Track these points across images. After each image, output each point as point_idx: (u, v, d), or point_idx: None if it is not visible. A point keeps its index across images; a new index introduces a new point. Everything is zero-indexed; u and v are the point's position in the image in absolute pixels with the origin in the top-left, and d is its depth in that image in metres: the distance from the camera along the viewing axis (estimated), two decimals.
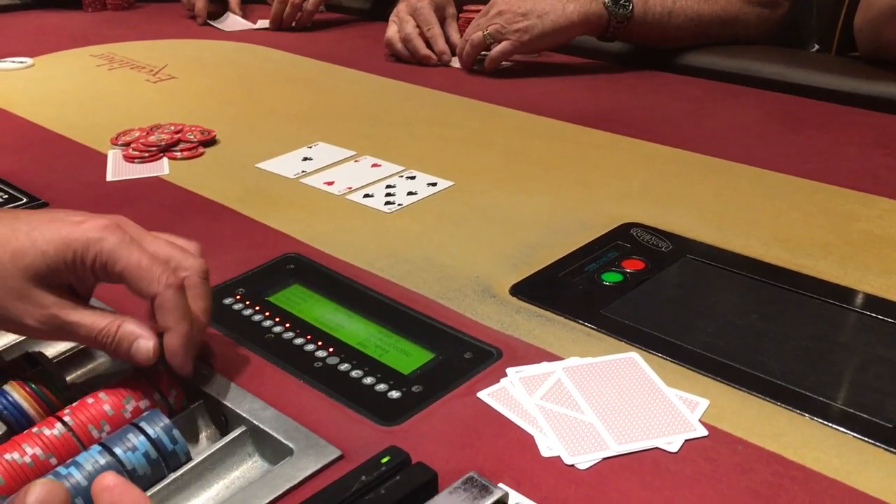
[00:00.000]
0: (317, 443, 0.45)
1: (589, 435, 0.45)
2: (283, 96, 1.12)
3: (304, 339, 0.56)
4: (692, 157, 0.86)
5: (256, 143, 0.93)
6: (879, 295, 0.60)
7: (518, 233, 0.71)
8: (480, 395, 0.49)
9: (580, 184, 0.80)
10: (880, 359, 0.54)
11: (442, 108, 1.05)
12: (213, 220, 0.75)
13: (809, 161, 0.84)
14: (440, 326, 0.57)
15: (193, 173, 0.86)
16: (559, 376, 0.50)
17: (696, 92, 1.08)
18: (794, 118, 0.97)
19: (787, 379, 0.51)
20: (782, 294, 0.61)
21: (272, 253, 0.68)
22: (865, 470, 0.43)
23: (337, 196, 0.79)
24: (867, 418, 0.47)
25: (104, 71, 1.26)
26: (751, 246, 0.67)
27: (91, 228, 0.47)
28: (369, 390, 0.51)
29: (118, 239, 0.47)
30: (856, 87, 1.00)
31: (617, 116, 0.99)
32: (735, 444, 0.45)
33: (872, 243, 0.67)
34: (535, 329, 0.56)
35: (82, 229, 0.47)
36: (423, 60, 1.23)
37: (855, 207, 0.73)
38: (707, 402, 0.48)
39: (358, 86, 1.16)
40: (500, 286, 0.62)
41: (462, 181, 0.81)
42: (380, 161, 0.86)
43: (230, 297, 0.62)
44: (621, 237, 0.69)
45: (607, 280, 0.63)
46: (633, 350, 0.53)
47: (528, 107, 1.02)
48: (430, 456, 0.44)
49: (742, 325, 0.57)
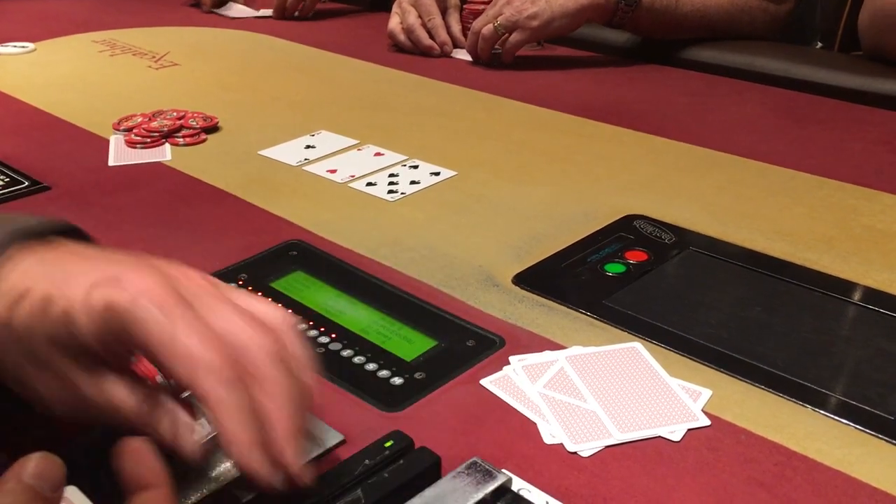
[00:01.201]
0: (319, 427, 0.45)
1: (591, 423, 0.45)
2: (285, 84, 1.11)
3: (306, 325, 0.56)
4: (695, 150, 0.86)
5: (259, 130, 0.93)
6: (882, 289, 0.60)
7: (521, 223, 0.71)
8: (483, 382, 0.49)
9: (584, 175, 0.80)
10: (882, 352, 0.54)
11: (445, 99, 1.05)
12: (215, 206, 0.75)
13: (813, 156, 0.84)
14: (443, 314, 0.57)
15: (196, 160, 0.85)
16: (562, 365, 0.50)
17: (700, 86, 1.08)
18: (798, 114, 0.97)
19: (790, 370, 0.51)
20: (785, 287, 0.61)
21: (275, 240, 0.68)
22: (867, 461, 0.43)
23: (340, 184, 0.79)
24: (869, 410, 0.47)
25: (106, 57, 1.26)
26: (754, 239, 0.67)
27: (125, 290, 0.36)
28: (372, 376, 0.51)
29: (156, 309, 0.35)
30: (861, 84, 1.00)
31: (621, 109, 0.99)
32: (738, 434, 0.45)
33: (875, 238, 0.67)
34: (538, 318, 0.56)
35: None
36: (426, 51, 1.23)
37: (858, 202, 0.73)
38: (710, 392, 0.48)
39: (360, 75, 1.16)
40: (503, 275, 0.62)
41: (465, 171, 0.81)
42: (383, 150, 0.86)
43: (233, 282, 0.61)
44: (624, 229, 0.69)
45: (610, 271, 0.63)
46: (636, 340, 0.53)
47: (532, 98, 1.02)
48: (432, 442, 0.43)
49: (745, 316, 0.57)
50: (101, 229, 0.70)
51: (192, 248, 0.67)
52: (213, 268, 0.63)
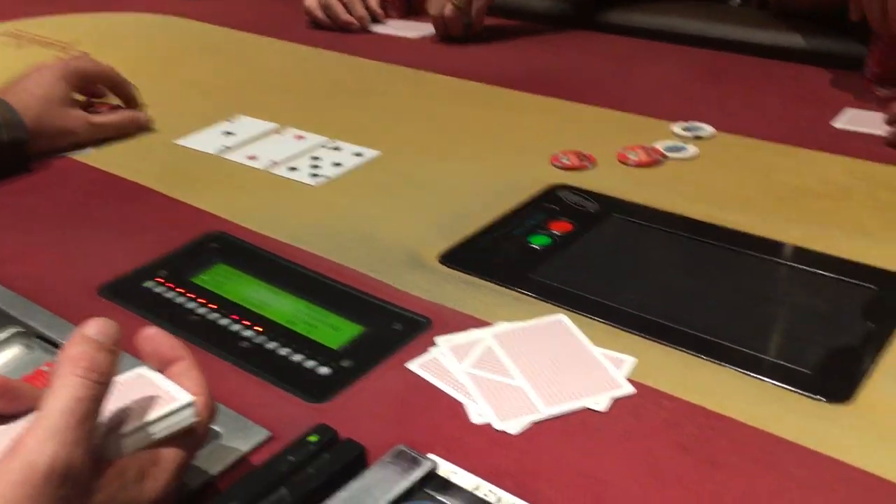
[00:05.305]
0: (244, 425, 0.44)
1: (518, 399, 0.46)
2: (201, 69, 1.08)
3: (229, 319, 0.55)
4: (618, 115, 0.86)
5: (174, 118, 0.90)
6: (800, 244, 0.61)
7: (447, 200, 0.70)
8: (410, 365, 0.49)
9: (509, 148, 0.80)
10: (800, 307, 0.55)
11: (367, 76, 1.03)
12: (131, 202, 0.73)
13: (732, 115, 0.85)
14: (369, 299, 0.56)
15: (106, 153, 0.82)
16: (489, 343, 0.50)
17: (622, 51, 1.09)
18: (717, 73, 0.98)
19: (712, 332, 0.52)
20: (707, 249, 0.62)
21: (195, 233, 0.66)
22: (785, 416, 0.44)
23: (261, 170, 0.77)
24: (787, 366, 0.48)
25: (11, 50, 1.20)
26: (675, 203, 0.68)
27: None
28: (298, 368, 0.50)
29: None
30: (775, 39, 1.02)
31: (545, 78, 0.99)
32: (661, 399, 0.46)
33: (793, 194, 0.68)
34: (465, 296, 0.56)
35: None
36: (344, 26, 1.21)
37: (776, 159, 0.75)
38: (634, 359, 0.49)
39: (278, 56, 1.13)
40: (430, 255, 0.62)
41: (390, 150, 0.80)
42: (304, 133, 0.85)
43: (151, 280, 0.60)
44: (549, 200, 0.69)
45: (535, 243, 0.63)
46: (562, 312, 0.54)
47: (456, 72, 1.01)
48: (360, 431, 0.43)
49: (668, 281, 0.58)
50: (8, 231, 0.68)
51: (107, 247, 0.65)
52: (130, 266, 0.61)
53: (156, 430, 0.36)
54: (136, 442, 0.36)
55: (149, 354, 0.41)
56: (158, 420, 0.37)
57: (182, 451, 0.37)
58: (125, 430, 0.36)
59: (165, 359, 0.41)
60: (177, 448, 0.37)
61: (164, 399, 0.37)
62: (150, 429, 0.36)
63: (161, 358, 0.41)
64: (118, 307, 0.57)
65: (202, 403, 0.39)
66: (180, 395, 0.38)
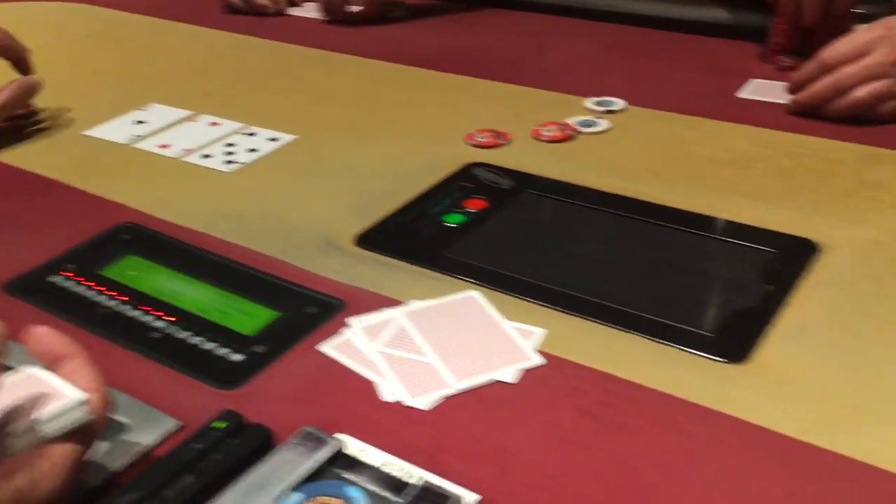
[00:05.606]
0: (153, 415, 0.44)
1: (429, 376, 0.46)
2: (110, 57, 1.05)
3: (140, 310, 0.54)
4: (532, 92, 0.87)
5: (83, 109, 0.88)
6: (706, 213, 0.63)
7: (364, 182, 0.70)
8: (322, 348, 0.49)
9: (425, 128, 0.80)
10: (705, 273, 0.57)
11: (282, 60, 1.02)
12: (38, 196, 0.71)
13: (643, 89, 0.86)
14: (283, 284, 0.56)
15: (10, 148, 0.80)
16: (401, 322, 0.51)
17: (535, 27, 1.10)
18: (628, 48, 1.00)
19: (621, 302, 0.53)
20: (618, 220, 0.63)
21: (106, 225, 0.64)
22: (688, 378, 0.46)
23: (174, 159, 0.76)
24: (690, 330, 0.50)
25: None
26: (588, 177, 0.69)
27: None
28: (209, 356, 0.50)
29: None
30: (681, 13, 1.04)
31: (460, 57, 0.99)
32: (569, 368, 0.47)
33: (698, 164, 0.70)
34: (379, 277, 0.56)
35: None
36: (259, 10, 1.19)
37: (683, 131, 0.77)
38: (543, 331, 0.50)
39: (191, 41, 1.11)
40: (345, 238, 0.62)
41: (306, 134, 0.79)
42: (218, 119, 0.83)
43: (58, 274, 0.58)
44: (464, 178, 0.70)
45: (450, 221, 0.63)
46: (475, 288, 0.54)
47: (371, 53, 1.01)
48: (271, 415, 0.43)
49: (580, 253, 0.59)
50: None
51: (13, 244, 0.63)
52: (37, 262, 0.59)
53: (47, 429, 0.36)
54: (27, 441, 0.35)
55: (39, 354, 0.41)
56: (50, 419, 0.36)
57: (76, 447, 0.37)
58: (15, 430, 0.35)
59: (57, 357, 0.40)
60: (71, 444, 0.36)
61: (55, 397, 0.37)
62: (41, 428, 0.36)
63: (52, 356, 0.40)
64: (24, 303, 0.55)
65: (97, 400, 0.38)
66: (72, 393, 0.37)
